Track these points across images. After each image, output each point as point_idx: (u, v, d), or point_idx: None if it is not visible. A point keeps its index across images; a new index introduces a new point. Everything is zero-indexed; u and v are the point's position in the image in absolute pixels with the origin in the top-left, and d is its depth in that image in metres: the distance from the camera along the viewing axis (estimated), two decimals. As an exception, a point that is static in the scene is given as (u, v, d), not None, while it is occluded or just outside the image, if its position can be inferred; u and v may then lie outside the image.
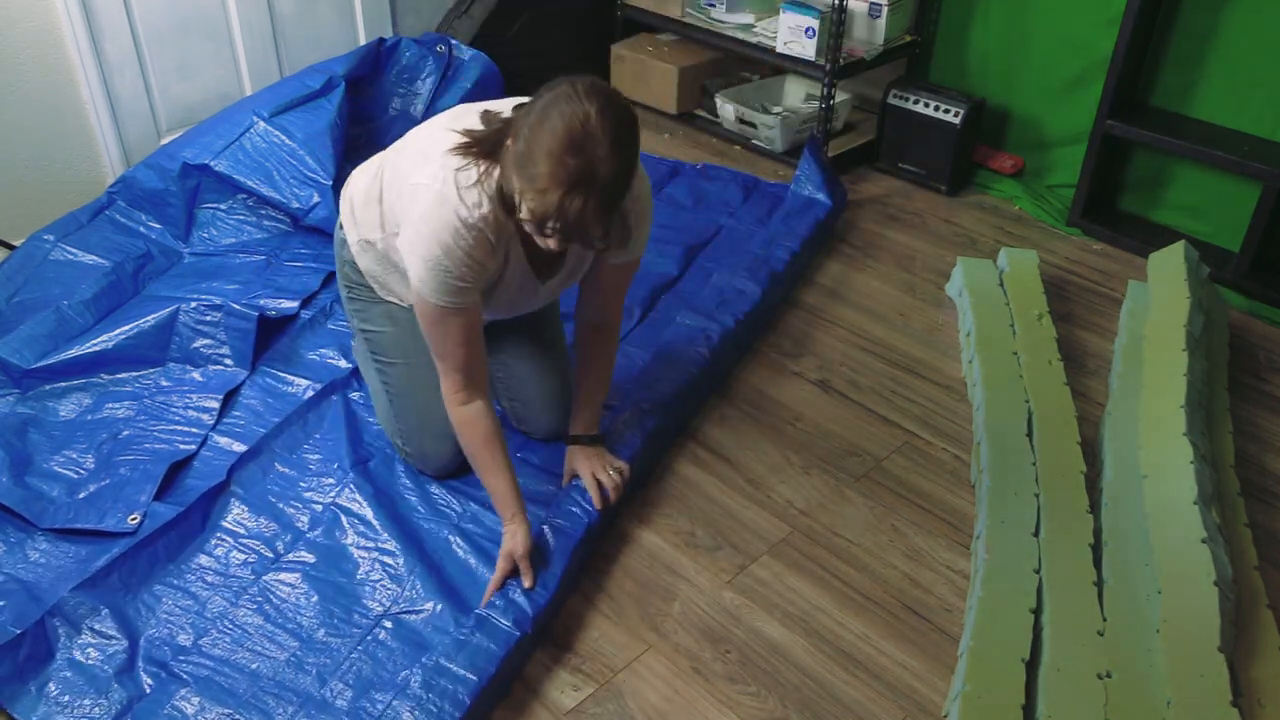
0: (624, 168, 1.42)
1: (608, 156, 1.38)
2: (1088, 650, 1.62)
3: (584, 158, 1.37)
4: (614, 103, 1.42)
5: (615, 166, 1.40)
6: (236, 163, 2.61)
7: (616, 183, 1.41)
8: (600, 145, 1.38)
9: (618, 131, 1.40)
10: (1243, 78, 2.68)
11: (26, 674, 1.59)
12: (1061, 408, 2.12)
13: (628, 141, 1.43)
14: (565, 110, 1.38)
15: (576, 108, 1.38)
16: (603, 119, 1.38)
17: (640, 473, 2.00)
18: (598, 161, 1.38)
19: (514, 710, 1.61)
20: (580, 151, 1.37)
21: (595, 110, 1.38)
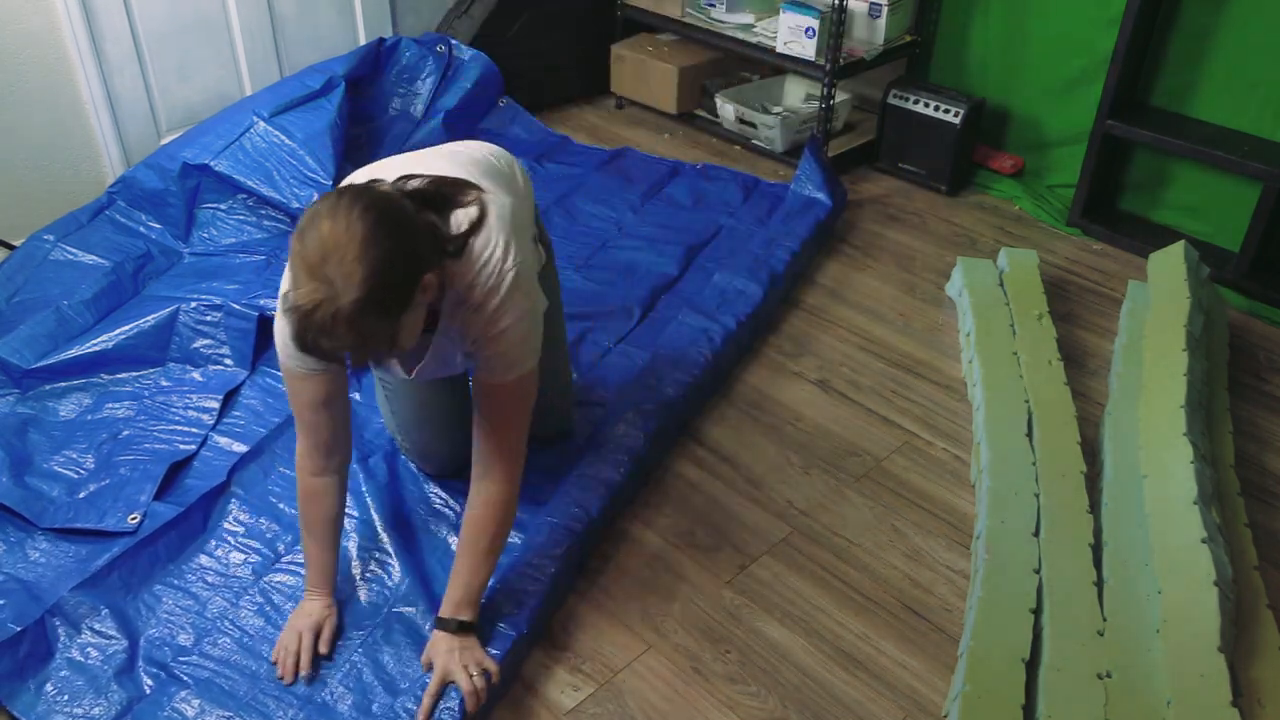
0: (370, 286, 1.24)
1: (349, 272, 1.23)
2: (1088, 650, 1.62)
3: (324, 272, 1.23)
4: (373, 215, 1.26)
5: (360, 282, 1.23)
6: (236, 163, 2.61)
7: (360, 301, 1.24)
8: (343, 261, 1.23)
9: (365, 246, 1.24)
10: (1243, 78, 2.68)
11: (26, 672, 1.59)
12: (1061, 408, 2.12)
13: (378, 261, 1.25)
14: (316, 221, 1.26)
15: (325, 222, 1.25)
16: (351, 232, 1.24)
17: (641, 473, 2.00)
18: (337, 278, 1.23)
19: (514, 710, 1.61)
20: (322, 264, 1.24)
21: (346, 222, 1.24)
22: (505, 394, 1.53)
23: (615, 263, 2.64)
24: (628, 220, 2.84)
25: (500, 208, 1.50)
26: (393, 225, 1.28)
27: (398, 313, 1.31)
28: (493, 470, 1.57)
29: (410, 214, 1.34)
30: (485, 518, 1.58)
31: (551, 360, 1.96)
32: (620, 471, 1.93)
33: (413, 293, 1.32)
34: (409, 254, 1.30)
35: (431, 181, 1.47)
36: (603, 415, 2.07)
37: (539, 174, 3.07)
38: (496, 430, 1.56)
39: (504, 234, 1.47)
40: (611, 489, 1.90)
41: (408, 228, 1.31)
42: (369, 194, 1.30)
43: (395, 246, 1.27)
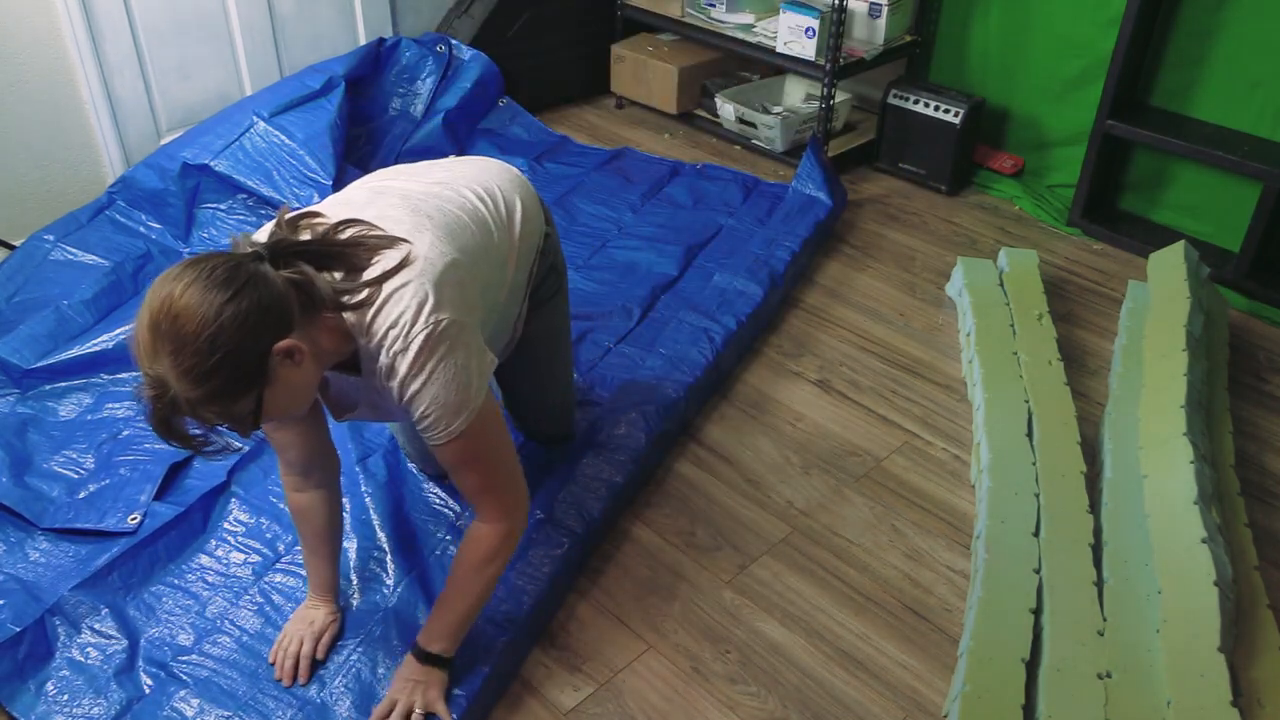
0: (199, 374, 1.16)
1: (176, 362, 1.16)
2: (1088, 650, 1.62)
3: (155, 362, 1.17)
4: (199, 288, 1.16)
5: (185, 372, 1.16)
6: (236, 163, 2.61)
7: (193, 390, 1.17)
8: (170, 347, 1.16)
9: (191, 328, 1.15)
10: (1243, 78, 2.68)
11: (26, 672, 1.59)
12: (1061, 408, 2.12)
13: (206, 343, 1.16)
14: (144, 299, 1.19)
15: (144, 308, 1.18)
16: (177, 313, 1.16)
17: (641, 473, 2.00)
18: (166, 370, 1.16)
19: (514, 710, 1.61)
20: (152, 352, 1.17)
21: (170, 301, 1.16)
22: (451, 452, 1.45)
23: (615, 263, 2.64)
24: (628, 220, 2.84)
25: (429, 265, 1.37)
26: (221, 299, 1.16)
27: (248, 391, 1.21)
28: (480, 511, 1.52)
29: (247, 281, 1.19)
30: (469, 555, 1.52)
31: (557, 377, 1.94)
32: (621, 472, 1.93)
33: (262, 367, 1.21)
34: (247, 329, 1.18)
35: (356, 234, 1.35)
36: (603, 415, 2.07)
37: (539, 174, 3.07)
38: (462, 480, 1.50)
39: (421, 293, 1.35)
40: (612, 489, 1.90)
41: (244, 297, 1.18)
42: (192, 269, 1.18)
43: (223, 326, 1.16)
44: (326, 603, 1.67)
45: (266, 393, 1.24)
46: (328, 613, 1.66)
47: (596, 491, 1.89)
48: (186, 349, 1.15)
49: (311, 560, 1.66)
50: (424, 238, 1.41)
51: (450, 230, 1.47)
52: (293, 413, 1.34)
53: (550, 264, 1.78)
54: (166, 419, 1.19)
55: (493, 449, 1.49)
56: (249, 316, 1.18)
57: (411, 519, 1.89)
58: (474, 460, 1.47)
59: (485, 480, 1.49)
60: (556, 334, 1.87)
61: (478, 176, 1.63)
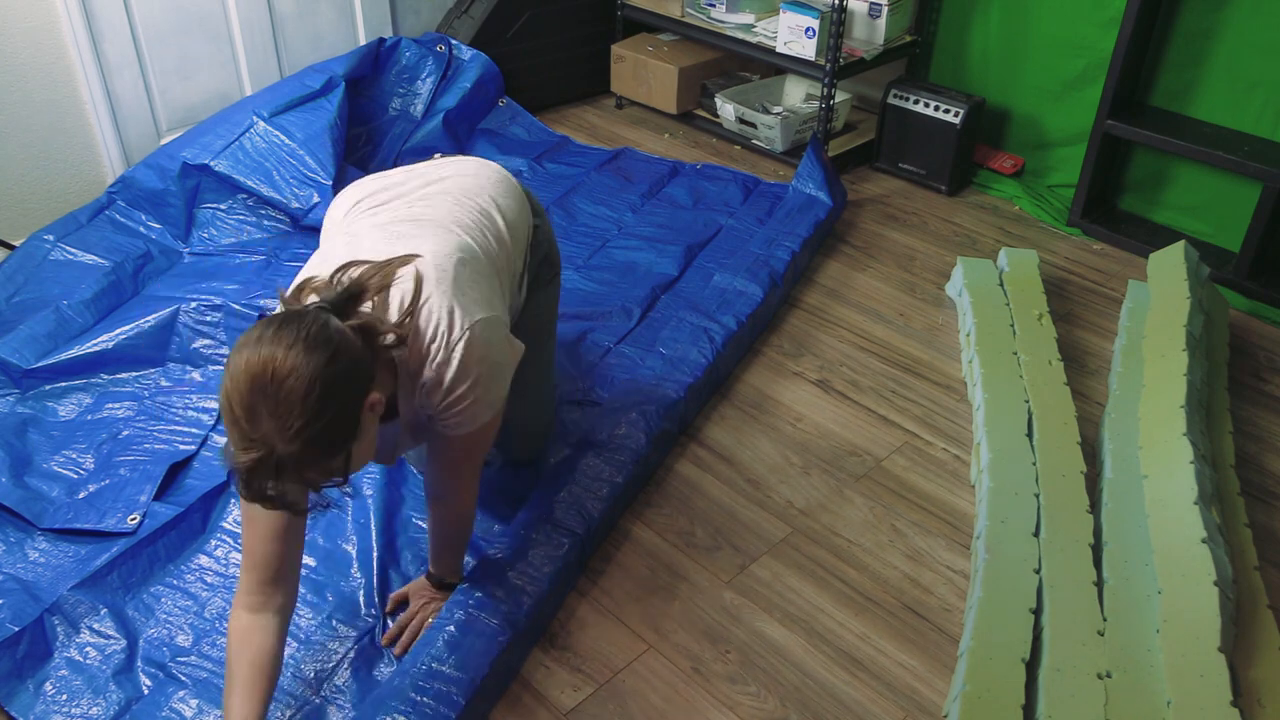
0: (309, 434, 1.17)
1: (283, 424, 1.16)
2: (1088, 650, 1.62)
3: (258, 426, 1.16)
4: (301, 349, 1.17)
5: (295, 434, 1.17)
6: (236, 163, 2.61)
7: (301, 451, 1.18)
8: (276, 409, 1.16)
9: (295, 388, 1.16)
10: (1242, 78, 2.68)
11: (25, 672, 1.59)
12: (1061, 408, 2.11)
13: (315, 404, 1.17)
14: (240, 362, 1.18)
15: (246, 369, 1.17)
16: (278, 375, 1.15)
17: (641, 473, 2.00)
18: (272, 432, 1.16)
19: (514, 710, 1.61)
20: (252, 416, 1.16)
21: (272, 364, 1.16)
22: (462, 443, 1.51)
23: (615, 263, 2.64)
24: (627, 220, 2.84)
25: (441, 271, 1.41)
26: (322, 359, 1.18)
27: (345, 446, 1.24)
28: (446, 497, 1.60)
29: (337, 340, 1.22)
30: (448, 526, 1.63)
31: (535, 392, 1.91)
32: (621, 472, 1.93)
33: (357, 421, 1.24)
34: (346, 388, 1.21)
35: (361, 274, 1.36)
36: (603, 415, 2.07)
37: (539, 174, 3.07)
38: (447, 472, 1.56)
39: (446, 301, 1.39)
40: (612, 489, 1.90)
41: (340, 357, 1.20)
42: (284, 331, 1.19)
43: (328, 387, 1.18)
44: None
45: (354, 447, 1.26)
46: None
47: (596, 491, 1.89)
48: (295, 410, 1.15)
49: (234, 702, 1.37)
50: (425, 244, 1.44)
51: (444, 227, 1.50)
52: (363, 464, 1.33)
53: (544, 255, 1.80)
54: (264, 483, 1.18)
55: (481, 450, 1.57)
56: (349, 374, 1.21)
57: (413, 521, 1.89)
58: (475, 453, 1.54)
59: (461, 475, 1.56)
60: (542, 327, 1.87)
61: (451, 181, 1.63)
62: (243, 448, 1.17)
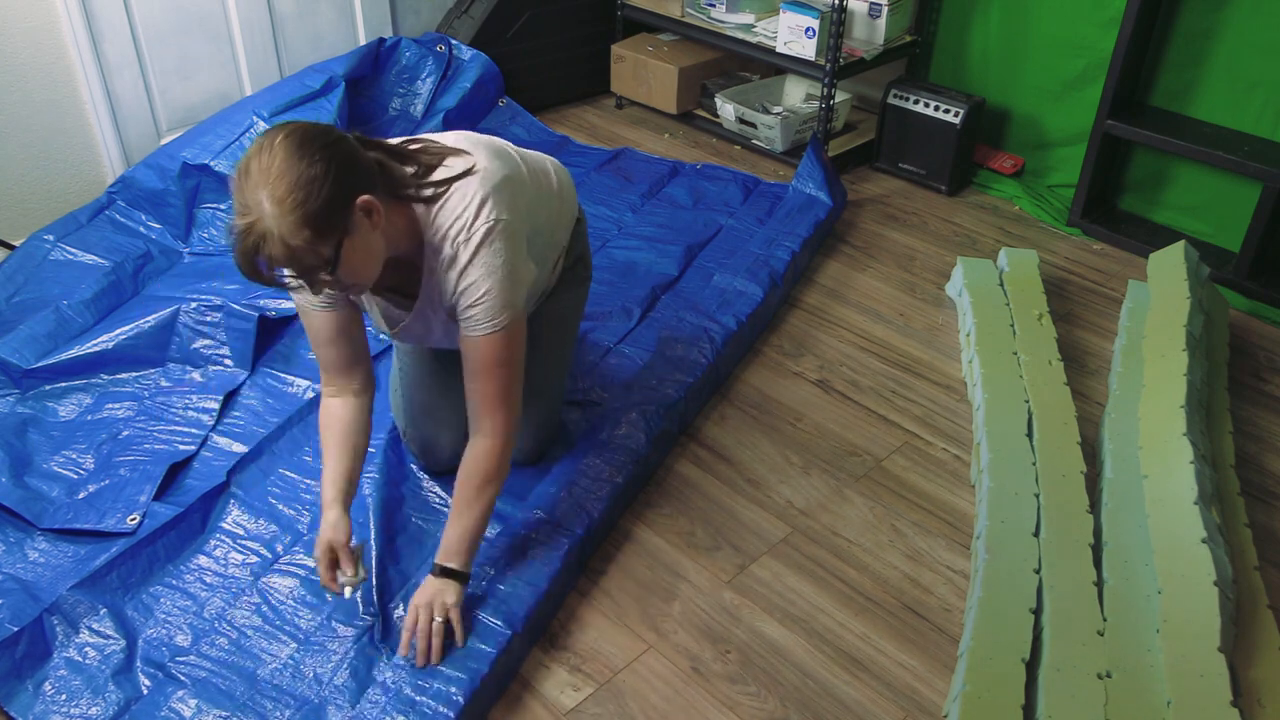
0: (292, 202, 1.31)
1: (272, 192, 1.31)
2: (1088, 650, 1.62)
3: (254, 196, 1.31)
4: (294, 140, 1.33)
5: (280, 200, 1.31)
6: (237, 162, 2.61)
7: (285, 218, 1.31)
8: (268, 182, 1.31)
9: (286, 167, 1.31)
10: (1242, 78, 2.67)
11: (24, 671, 1.59)
12: (1061, 408, 2.11)
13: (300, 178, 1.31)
14: (246, 159, 1.35)
15: (252, 158, 1.33)
16: (275, 157, 1.32)
17: (642, 473, 2.00)
18: (264, 199, 1.31)
19: (513, 710, 1.61)
20: (252, 189, 1.32)
21: (270, 149, 1.33)
22: (485, 347, 1.57)
23: (615, 263, 2.64)
24: (628, 220, 2.84)
25: (488, 174, 1.55)
26: (315, 146, 1.33)
27: (332, 232, 1.35)
28: (482, 424, 1.62)
29: (339, 139, 1.38)
30: (474, 469, 1.62)
31: (545, 387, 1.94)
32: (621, 472, 1.93)
33: (347, 212, 1.36)
34: (335, 172, 1.33)
35: (421, 144, 1.55)
36: (603, 415, 2.07)
37: (539, 174, 3.07)
38: (481, 384, 1.60)
39: (483, 193, 1.52)
40: (612, 489, 1.90)
41: (334, 149, 1.35)
42: (291, 124, 1.36)
43: (317, 164, 1.32)
44: (331, 510, 1.60)
45: (346, 243, 1.37)
46: (330, 522, 1.59)
47: (597, 491, 1.89)
48: (283, 180, 1.30)
49: (327, 462, 1.63)
50: (480, 156, 1.57)
51: (501, 155, 1.62)
52: (361, 280, 1.45)
53: (580, 253, 1.91)
54: (253, 251, 1.31)
55: (518, 359, 1.61)
56: (340, 164, 1.35)
57: (413, 520, 1.89)
58: (502, 364, 1.58)
59: (503, 389, 1.60)
60: (565, 324, 1.93)
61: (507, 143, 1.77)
62: (239, 213, 1.32)
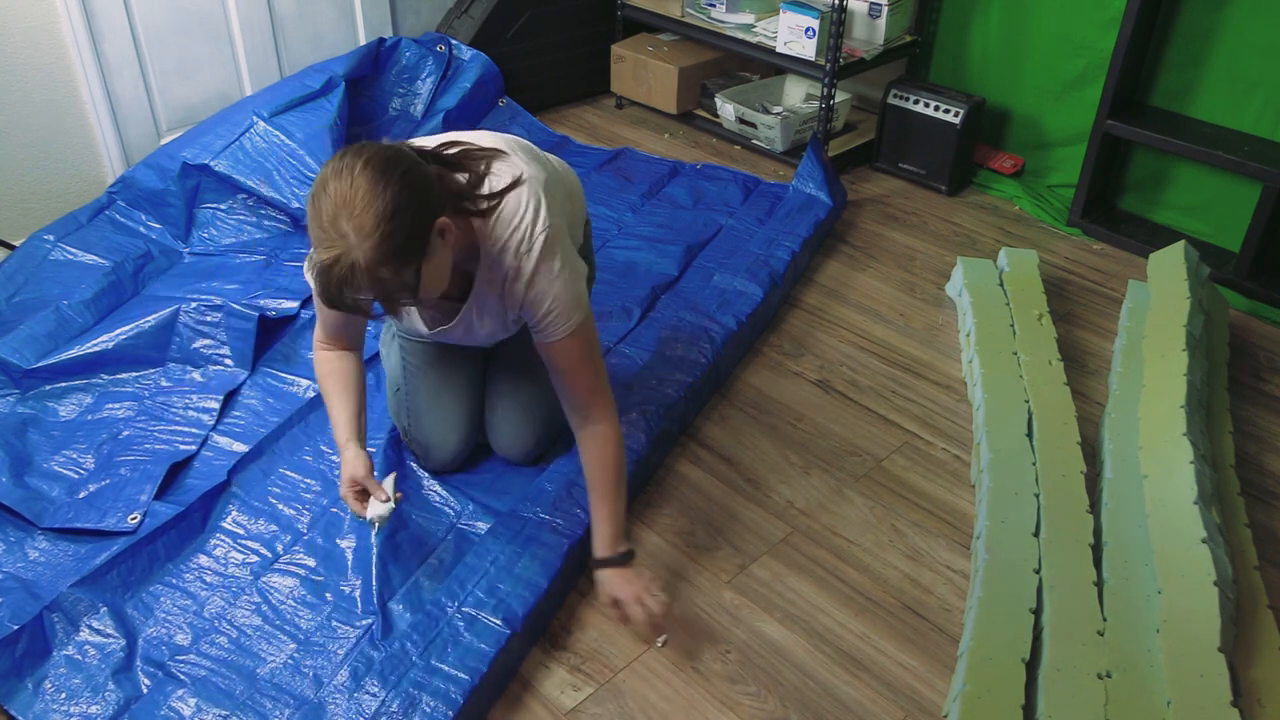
0: (381, 234, 1.31)
1: (360, 224, 1.30)
2: (1088, 650, 1.62)
3: (338, 228, 1.31)
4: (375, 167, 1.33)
5: (370, 232, 1.30)
6: (236, 163, 2.61)
7: (375, 249, 1.31)
8: (353, 214, 1.30)
9: (371, 197, 1.31)
10: (1242, 78, 2.67)
11: (24, 670, 1.59)
12: (1061, 408, 2.11)
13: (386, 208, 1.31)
14: (324, 184, 1.33)
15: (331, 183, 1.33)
16: (356, 186, 1.31)
17: (642, 473, 2.00)
18: (350, 231, 1.31)
19: (514, 710, 1.61)
20: (335, 221, 1.31)
21: (350, 178, 1.32)
22: (569, 349, 1.60)
23: (615, 263, 2.64)
24: (628, 220, 2.84)
25: (533, 179, 1.55)
26: (396, 173, 1.33)
27: (415, 258, 1.36)
28: (590, 412, 1.66)
29: (414, 161, 1.37)
30: (604, 456, 1.66)
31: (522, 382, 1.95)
32: (620, 471, 1.93)
33: (427, 237, 1.37)
34: (417, 199, 1.34)
35: (462, 148, 1.54)
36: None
37: (539, 174, 3.06)
38: (575, 381, 1.63)
39: (535, 198, 1.53)
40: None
41: (412, 174, 1.35)
42: (368, 149, 1.35)
43: (401, 193, 1.32)
44: (355, 449, 1.63)
45: (424, 266, 1.38)
46: (349, 458, 1.62)
47: (596, 491, 1.89)
48: (369, 213, 1.30)
49: (334, 407, 1.66)
50: (520, 160, 1.58)
51: (536, 158, 1.65)
52: (433, 294, 1.46)
53: (586, 254, 1.91)
54: (341, 284, 1.32)
55: (598, 351, 1.65)
56: (420, 190, 1.35)
57: (413, 520, 1.89)
58: (587, 359, 1.62)
59: (596, 380, 1.64)
60: None
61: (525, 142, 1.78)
62: (324, 247, 1.32)
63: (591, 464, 1.67)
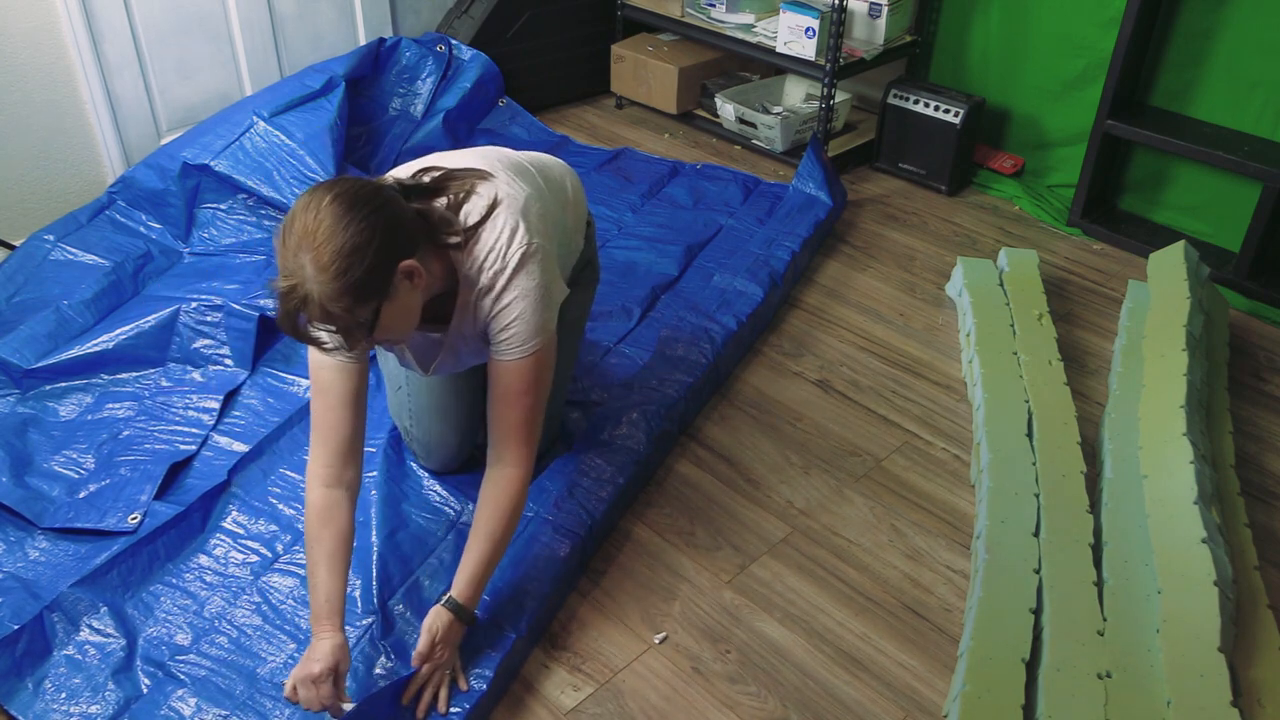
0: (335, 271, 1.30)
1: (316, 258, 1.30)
2: (1088, 650, 1.62)
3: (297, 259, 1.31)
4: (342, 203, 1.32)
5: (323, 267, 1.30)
6: (236, 163, 2.61)
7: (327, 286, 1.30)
8: (313, 248, 1.30)
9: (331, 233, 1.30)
10: (1242, 78, 2.67)
11: (24, 670, 1.59)
12: (1061, 408, 2.11)
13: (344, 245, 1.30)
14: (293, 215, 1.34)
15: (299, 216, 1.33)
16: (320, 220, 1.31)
17: (642, 474, 2.00)
18: (307, 263, 1.30)
19: (514, 710, 1.61)
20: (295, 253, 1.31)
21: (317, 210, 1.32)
22: (515, 373, 1.56)
23: (615, 263, 2.64)
24: (628, 220, 2.84)
25: (513, 199, 1.54)
26: (363, 212, 1.32)
27: (373, 298, 1.34)
28: (504, 453, 1.59)
29: (386, 201, 1.37)
30: (499, 500, 1.57)
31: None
32: (621, 472, 1.93)
33: (389, 278, 1.35)
34: (380, 239, 1.33)
35: (441, 174, 1.53)
36: (603, 415, 2.07)
37: (539, 174, 3.07)
38: (507, 410, 1.58)
39: (513, 219, 1.52)
40: (613, 490, 1.90)
41: (381, 213, 1.34)
42: (341, 184, 1.35)
43: (364, 232, 1.31)
44: (336, 631, 1.48)
45: (385, 307, 1.37)
46: (337, 644, 1.47)
47: (597, 491, 1.89)
48: (327, 247, 1.30)
49: (324, 577, 1.50)
50: (502, 178, 1.57)
51: (522, 174, 1.63)
52: (395, 337, 1.45)
53: (589, 256, 1.92)
54: (294, 313, 1.32)
55: (545, 385, 1.61)
56: (385, 231, 1.34)
57: (413, 519, 1.89)
58: (530, 388, 1.57)
59: (529, 415, 1.58)
60: (573, 327, 1.92)
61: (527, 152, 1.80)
62: (284, 276, 1.32)
63: (486, 504, 1.57)
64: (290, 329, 1.35)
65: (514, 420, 1.58)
